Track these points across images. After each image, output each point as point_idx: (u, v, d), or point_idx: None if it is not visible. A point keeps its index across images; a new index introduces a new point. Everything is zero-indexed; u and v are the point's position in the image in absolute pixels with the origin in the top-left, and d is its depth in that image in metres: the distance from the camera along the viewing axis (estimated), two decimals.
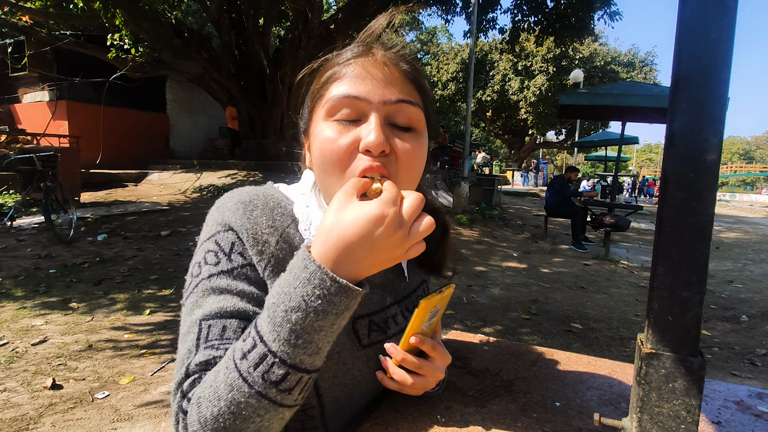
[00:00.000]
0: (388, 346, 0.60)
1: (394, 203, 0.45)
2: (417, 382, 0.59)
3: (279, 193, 0.64)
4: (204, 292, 0.53)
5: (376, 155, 0.51)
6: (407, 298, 0.69)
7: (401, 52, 0.57)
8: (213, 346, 0.50)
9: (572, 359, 0.83)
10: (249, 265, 0.55)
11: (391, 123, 0.54)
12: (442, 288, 0.58)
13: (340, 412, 0.64)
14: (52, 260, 4.18)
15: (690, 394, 0.46)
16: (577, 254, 6.49)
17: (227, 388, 0.44)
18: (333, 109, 0.53)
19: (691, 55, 0.44)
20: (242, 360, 0.45)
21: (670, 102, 0.46)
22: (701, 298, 0.45)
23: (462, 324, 3.36)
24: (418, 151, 0.55)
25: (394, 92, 0.53)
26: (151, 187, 8.10)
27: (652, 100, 5.98)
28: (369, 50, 0.56)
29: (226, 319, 0.51)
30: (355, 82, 0.53)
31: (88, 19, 7.67)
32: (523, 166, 27.45)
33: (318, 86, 0.57)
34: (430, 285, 0.78)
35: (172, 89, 11.42)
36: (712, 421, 0.65)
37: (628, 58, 23.50)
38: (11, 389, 2.12)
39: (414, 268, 0.73)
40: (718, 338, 3.37)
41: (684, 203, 0.45)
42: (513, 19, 10.00)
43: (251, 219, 0.56)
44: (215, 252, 0.55)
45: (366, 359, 0.62)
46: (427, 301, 0.55)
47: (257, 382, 0.44)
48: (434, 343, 0.60)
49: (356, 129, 0.52)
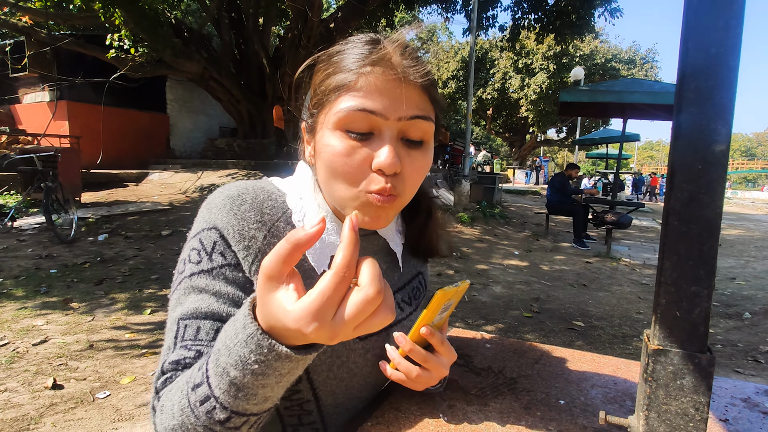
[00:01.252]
0: (397, 335, 0.58)
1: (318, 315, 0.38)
2: (421, 375, 0.58)
3: (271, 185, 0.63)
4: (185, 290, 0.55)
5: (388, 175, 0.51)
6: (402, 289, 0.69)
7: (418, 64, 0.54)
8: (186, 346, 0.51)
9: (576, 357, 0.82)
10: (228, 266, 0.55)
11: (403, 138, 0.53)
12: (459, 282, 0.57)
13: (339, 407, 0.63)
14: (53, 260, 4.17)
15: (698, 391, 0.45)
16: (578, 252, 6.47)
17: (179, 411, 0.45)
18: (345, 121, 0.51)
19: (698, 43, 0.43)
20: (192, 391, 0.44)
21: (677, 92, 0.45)
22: (710, 293, 0.44)
23: (463, 322, 3.35)
24: (425, 166, 0.55)
25: (410, 108, 0.52)
26: (152, 187, 8.10)
27: (653, 97, 5.96)
28: (384, 57, 0.52)
29: (201, 320, 0.52)
30: (371, 96, 0.51)
31: (87, 19, 7.67)
32: (527, 164, 27.41)
33: (325, 88, 0.54)
34: (428, 277, 0.77)
35: (173, 89, 11.41)
36: (720, 418, 0.63)
37: (629, 56, 23.46)
38: (12, 389, 2.11)
39: (409, 258, 0.72)
40: (721, 335, 3.35)
41: (692, 196, 0.44)
42: (513, 16, 9.98)
43: (238, 215, 0.56)
44: (198, 251, 0.56)
45: (363, 351, 0.62)
46: (443, 292, 0.53)
47: (202, 417, 0.44)
48: (443, 337, 0.59)
49: (369, 144, 0.52)
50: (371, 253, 0.65)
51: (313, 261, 0.59)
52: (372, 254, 0.66)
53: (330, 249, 0.60)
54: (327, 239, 0.60)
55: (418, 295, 0.72)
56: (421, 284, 0.73)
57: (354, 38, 0.57)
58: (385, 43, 0.54)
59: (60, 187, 4.85)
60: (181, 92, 11.52)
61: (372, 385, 0.66)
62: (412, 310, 0.69)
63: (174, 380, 0.50)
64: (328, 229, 0.60)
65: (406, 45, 0.55)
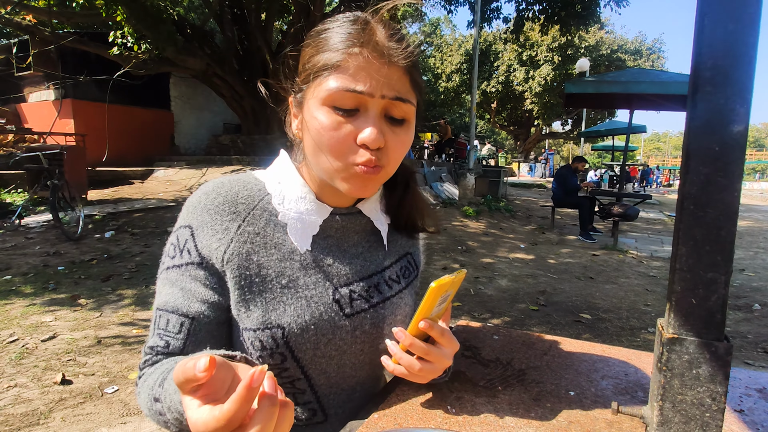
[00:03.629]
0: (396, 331, 0.59)
1: None
2: (424, 368, 0.58)
3: (249, 176, 0.66)
4: (163, 281, 0.60)
5: (373, 149, 0.54)
6: (389, 267, 0.69)
7: (403, 45, 0.55)
8: (159, 335, 0.58)
9: (585, 348, 0.81)
10: (192, 264, 0.59)
11: (386, 114, 0.56)
12: (455, 272, 0.56)
13: (334, 387, 0.64)
14: (61, 257, 4.20)
15: (715, 381, 0.43)
16: (585, 245, 6.43)
17: (147, 409, 0.54)
18: (332, 98, 0.54)
19: (715, 18, 0.41)
20: (154, 402, 0.52)
21: (693, 71, 0.43)
22: (727, 280, 0.43)
23: (470, 316, 3.34)
24: (407, 141, 0.59)
25: (393, 89, 0.55)
26: (157, 184, 8.13)
27: (661, 87, 5.88)
28: (371, 39, 0.54)
29: (170, 313, 0.58)
30: (358, 76, 0.53)
31: (90, 16, 7.67)
32: (531, 157, 27.24)
33: (314, 65, 0.56)
34: (419, 258, 0.76)
35: (176, 86, 11.41)
36: (735, 409, 0.62)
37: (635, 46, 23.17)
38: (22, 385, 2.13)
39: (397, 238, 0.72)
40: (731, 327, 3.32)
41: (708, 179, 0.42)
42: (517, 7, 9.87)
43: (212, 209, 0.60)
44: (174, 246, 0.61)
45: (351, 328, 0.62)
46: (439, 284, 0.53)
47: (161, 422, 0.52)
48: (443, 328, 0.59)
49: (354, 121, 0.55)
50: (354, 232, 0.67)
51: (295, 241, 0.62)
52: (356, 233, 0.67)
53: (311, 228, 0.63)
54: (308, 219, 0.63)
55: (408, 274, 0.72)
56: (410, 264, 0.73)
57: (341, 16, 0.58)
58: (372, 23, 0.56)
59: (66, 184, 4.87)
60: (184, 89, 11.53)
61: (367, 364, 0.66)
62: (402, 288, 0.69)
63: (151, 364, 0.58)
64: (309, 209, 0.63)
65: (392, 26, 0.56)
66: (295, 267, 0.61)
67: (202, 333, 0.58)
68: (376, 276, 0.66)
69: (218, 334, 0.60)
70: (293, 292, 0.59)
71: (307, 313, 0.59)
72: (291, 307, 0.59)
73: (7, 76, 9.92)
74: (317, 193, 0.64)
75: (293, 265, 0.61)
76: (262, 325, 0.58)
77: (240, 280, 0.58)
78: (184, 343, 0.57)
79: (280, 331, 0.58)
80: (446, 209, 7.94)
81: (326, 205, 0.64)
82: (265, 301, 0.58)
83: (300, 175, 0.65)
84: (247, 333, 0.59)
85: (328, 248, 0.64)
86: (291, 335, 0.58)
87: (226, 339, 0.62)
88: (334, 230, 0.65)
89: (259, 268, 0.59)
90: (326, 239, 0.64)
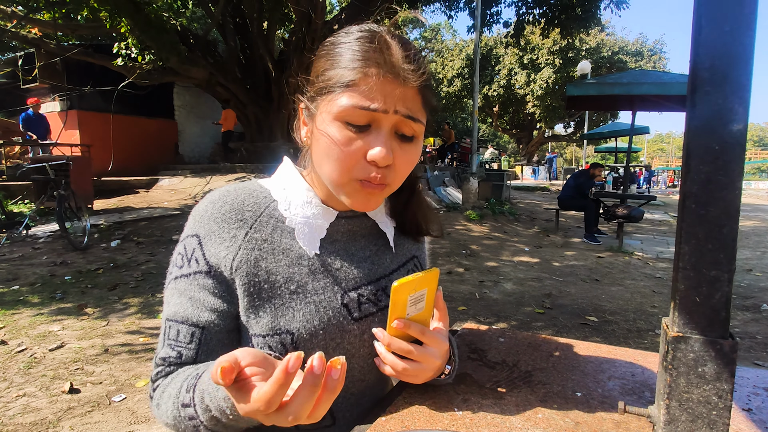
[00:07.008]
0: (375, 331, 0.60)
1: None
2: (411, 368, 0.58)
3: (255, 184, 0.67)
4: (171, 290, 0.61)
5: (381, 167, 0.55)
6: (396, 270, 0.69)
7: (417, 66, 0.55)
8: (170, 345, 0.59)
9: (591, 349, 0.81)
10: (200, 272, 0.59)
11: (397, 131, 0.57)
12: (423, 271, 0.57)
13: (342, 391, 0.64)
14: (68, 267, 4.23)
15: (721, 379, 0.43)
16: (590, 247, 6.40)
17: (172, 418, 0.54)
18: (345, 114, 0.55)
19: (712, 19, 0.41)
20: (183, 408, 0.53)
21: (692, 72, 0.43)
22: (730, 277, 0.43)
23: (475, 320, 3.33)
24: (414, 158, 0.60)
25: (406, 107, 0.55)
26: (162, 193, 8.18)
27: (663, 88, 5.88)
28: (387, 59, 0.54)
29: (179, 323, 0.58)
30: (371, 95, 0.54)
31: (94, 28, 7.78)
32: (534, 160, 27.18)
33: (328, 79, 0.56)
34: (425, 262, 0.77)
35: (180, 95, 11.52)
36: (742, 408, 0.62)
37: (636, 48, 23.15)
38: (30, 394, 2.15)
39: (402, 241, 0.73)
40: (739, 327, 3.29)
41: (709, 177, 0.42)
42: (517, 11, 9.91)
43: (218, 218, 0.61)
44: (182, 255, 0.61)
45: (359, 333, 0.63)
46: (401, 283, 0.53)
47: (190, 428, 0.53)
48: (423, 327, 0.59)
49: (366, 137, 0.55)
50: (361, 236, 0.67)
51: (303, 245, 0.62)
52: (363, 237, 0.68)
53: (319, 232, 0.64)
54: (315, 223, 0.63)
55: None
56: (416, 267, 0.73)
57: (356, 30, 0.58)
58: (388, 41, 0.56)
59: (72, 195, 4.92)
60: (188, 98, 11.63)
61: (375, 367, 0.66)
62: None
63: (164, 375, 0.59)
64: (315, 213, 0.64)
65: (408, 45, 0.57)
66: (304, 272, 0.61)
67: (213, 342, 0.59)
68: (384, 279, 0.67)
69: (229, 341, 0.61)
70: (302, 298, 0.60)
71: (316, 318, 0.60)
72: (300, 312, 0.59)
73: (14, 89, 10.05)
74: (323, 197, 0.65)
75: (301, 270, 0.61)
76: (272, 331, 0.58)
77: (249, 287, 0.59)
78: (196, 353, 0.58)
79: (289, 336, 0.58)
80: (450, 213, 7.93)
81: (332, 209, 0.65)
82: (274, 307, 0.59)
83: (305, 180, 0.65)
84: (256, 339, 0.59)
85: (336, 252, 0.64)
86: (300, 340, 0.58)
87: (236, 346, 0.62)
88: (340, 234, 0.65)
89: (267, 274, 0.59)
90: (333, 243, 0.65)
